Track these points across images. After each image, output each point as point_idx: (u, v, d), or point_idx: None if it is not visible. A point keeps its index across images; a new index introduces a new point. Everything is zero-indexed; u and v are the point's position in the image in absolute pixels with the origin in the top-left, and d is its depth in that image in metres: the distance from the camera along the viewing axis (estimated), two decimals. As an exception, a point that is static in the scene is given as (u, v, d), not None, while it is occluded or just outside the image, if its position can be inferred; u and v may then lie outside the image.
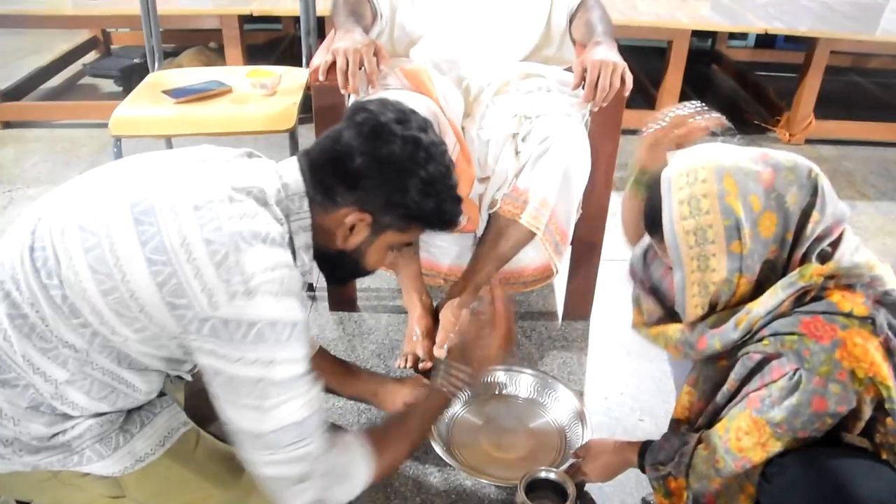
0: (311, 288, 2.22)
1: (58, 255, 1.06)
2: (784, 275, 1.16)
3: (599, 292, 2.17)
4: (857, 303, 1.10)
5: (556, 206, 1.81)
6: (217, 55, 3.69)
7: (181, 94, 2.12)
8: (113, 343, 1.10)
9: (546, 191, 1.79)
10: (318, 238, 1.23)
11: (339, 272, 1.34)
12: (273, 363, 1.07)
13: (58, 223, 1.08)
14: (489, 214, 1.94)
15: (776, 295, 1.13)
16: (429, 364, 1.90)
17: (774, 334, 1.14)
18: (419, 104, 1.73)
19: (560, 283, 2.25)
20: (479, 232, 1.99)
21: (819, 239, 1.15)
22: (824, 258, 1.15)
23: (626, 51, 1.78)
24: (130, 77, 3.84)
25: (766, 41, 4.77)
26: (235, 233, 1.06)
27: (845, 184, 3.18)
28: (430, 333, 1.96)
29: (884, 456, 1.14)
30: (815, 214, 1.14)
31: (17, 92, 3.60)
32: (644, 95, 3.70)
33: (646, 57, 4.14)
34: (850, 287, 1.13)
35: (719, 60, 4.59)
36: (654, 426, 1.79)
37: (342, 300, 2.18)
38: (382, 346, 2.05)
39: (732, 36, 4.75)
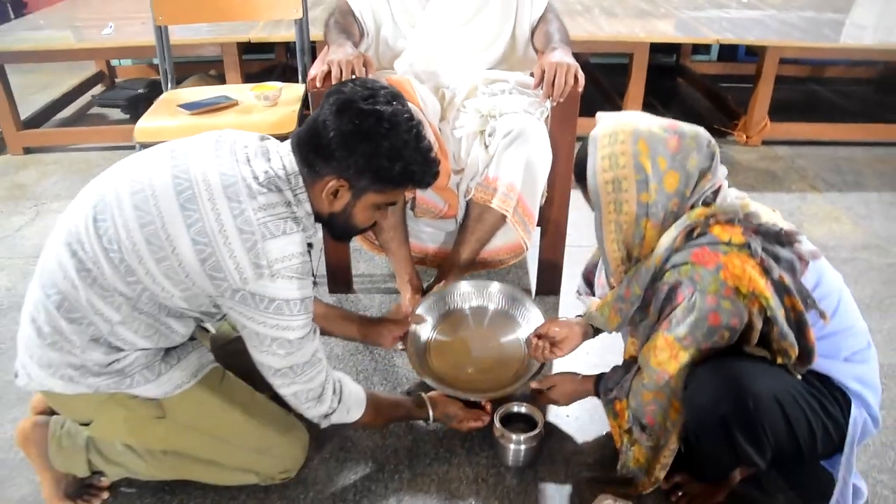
0: (311, 274, 2.48)
1: (118, 227, 1.34)
2: None
3: (566, 272, 2.43)
4: (735, 233, 1.37)
5: (521, 191, 2.08)
6: (216, 81, 3.97)
7: (194, 107, 2.40)
8: (159, 297, 1.39)
9: (512, 178, 2.06)
10: (313, 205, 1.46)
11: (335, 231, 1.56)
12: (287, 328, 1.40)
13: (116, 201, 1.36)
14: (466, 202, 2.20)
15: (670, 234, 1.41)
16: None
17: (673, 266, 1.41)
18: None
19: (532, 264, 2.52)
20: (460, 217, 2.26)
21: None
22: (707, 204, 1.43)
23: (594, 67, 2.03)
24: (137, 106, 4.14)
25: (728, 54, 5.10)
26: (262, 224, 1.33)
27: (798, 178, 3.47)
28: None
29: (780, 361, 1.39)
30: (709, 175, 1.43)
31: (35, 121, 3.88)
32: (612, 105, 4.00)
33: (612, 71, 4.45)
34: (729, 222, 1.39)
35: (684, 74, 4.90)
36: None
37: (340, 283, 2.43)
38: (376, 320, 2.30)
39: (696, 50, 5.07)
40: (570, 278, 2.42)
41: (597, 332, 1.81)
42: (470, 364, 1.94)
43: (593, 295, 1.80)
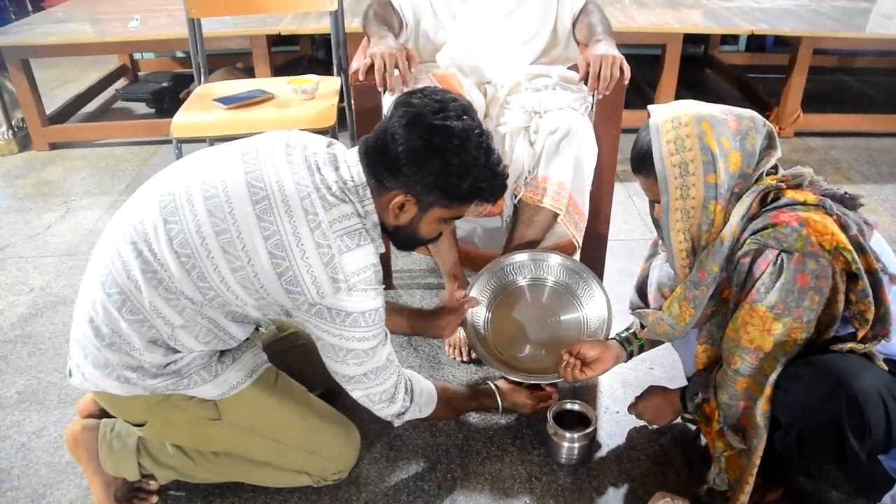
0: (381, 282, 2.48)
1: (191, 232, 1.31)
2: None
3: (609, 264, 2.39)
4: (807, 195, 1.36)
5: (572, 189, 2.04)
6: (244, 74, 3.95)
7: (231, 101, 2.38)
8: (232, 304, 1.37)
9: (563, 177, 2.02)
10: (379, 216, 1.43)
11: (399, 242, 1.55)
12: (363, 339, 1.39)
13: (189, 204, 1.33)
14: (514, 204, 2.15)
15: (744, 202, 1.39)
16: None
17: (753, 233, 1.38)
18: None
19: (576, 255, 2.48)
20: (505, 215, 2.22)
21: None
22: (772, 174, 1.42)
23: (625, 57, 2.01)
24: (161, 99, 4.14)
25: (756, 45, 5.05)
26: (338, 237, 1.32)
27: (832, 170, 3.42)
28: None
29: (857, 326, 1.36)
30: (770, 152, 1.42)
31: (60, 117, 3.87)
32: (643, 97, 3.97)
33: (643, 63, 4.38)
34: (798, 186, 1.39)
35: (712, 64, 4.85)
36: (662, 373, 2.01)
37: (380, 280, 2.40)
38: (418, 316, 2.28)
39: (724, 41, 5.01)
40: (611, 273, 2.39)
41: (630, 357, 1.78)
42: (528, 342, 1.90)
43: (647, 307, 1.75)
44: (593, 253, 2.37)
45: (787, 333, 1.37)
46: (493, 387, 1.80)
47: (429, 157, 1.33)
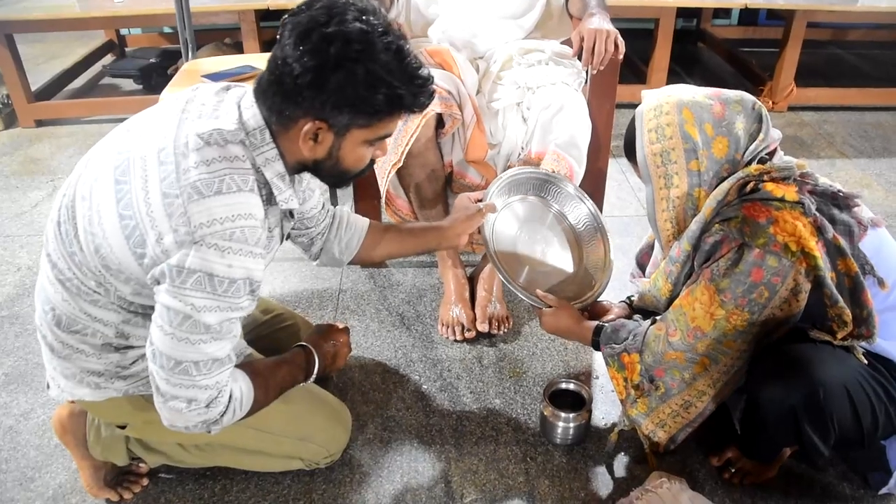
0: (260, 247, 2.40)
1: (76, 226, 1.22)
2: None
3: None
4: (788, 191, 1.34)
5: (567, 165, 2.01)
6: (232, 50, 3.89)
7: (219, 78, 2.33)
8: (125, 294, 1.25)
9: (557, 151, 1.99)
10: (292, 157, 1.27)
11: (326, 178, 1.35)
12: (205, 309, 1.16)
13: (70, 198, 1.25)
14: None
15: (723, 187, 1.38)
16: (472, 333, 2.04)
17: (723, 220, 1.38)
18: (444, 78, 1.95)
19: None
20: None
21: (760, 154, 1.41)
22: (762, 162, 1.40)
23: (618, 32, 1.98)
24: (150, 75, 4.08)
25: (748, 18, 5.00)
26: (190, 184, 1.13)
27: (826, 145, 3.41)
28: (468, 302, 2.12)
29: (839, 334, 1.36)
30: (760, 136, 1.40)
31: (46, 93, 3.80)
32: (635, 72, 3.93)
33: (635, 37, 4.32)
34: (784, 180, 1.37)
35: (705, 39, 4.80)
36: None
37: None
38: (411, 294, 2.27)
39: (716, 15, 4.96)
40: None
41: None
42: (530, 264, 1.80)
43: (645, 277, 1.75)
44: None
45: (727, 319, 1.38)
46: (308, 345, 1.55)
47: (329, 73, 1.13)
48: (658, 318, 1.55)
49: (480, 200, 1.73)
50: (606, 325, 1.62)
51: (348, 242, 1.69)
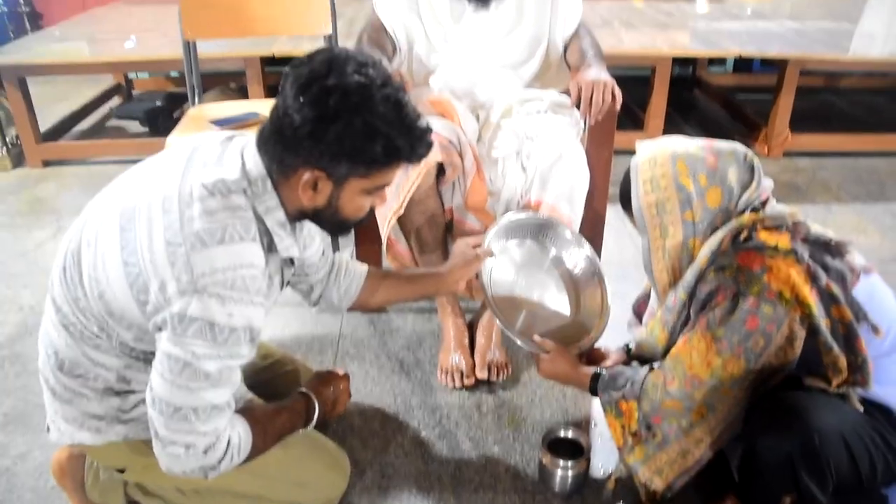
0: (262, 296, 2.40)
1: (80, 272, 1.24)
2: None
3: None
4: (781, 239, 1.37)
5: (565, 216, 2.04)
6: (237, 95, 3.96)
7: (225, 123, 2.38)
8: (128, 341, 1.27)
9: (556, 202, 2.01)
10: (293, 206, 1.29)
11: (328, 227, 1.38)
12: (205, 357, 1.18)
13: (76, 243, 1.28)
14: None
15: (717, 236, 1.41)
16: (472, 380, 2.05)
17: (718, 268, 1.41)
18: (445, 127, 1.99)
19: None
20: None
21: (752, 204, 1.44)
22: (755, 211, 1.43)
23: (615, 80, 2.02)
24: (155, 118, 4.14)
25: (743, 66, 5.10)
26: (193, 235, 1.16)
27: (822, 190, 3.45)
28: (468, 349, 2.14)
29: (835, 382, 1.38)
30: (752, 185, 1.44)
31: (53, 134, 3.87)
32: (632, 118, 3.99)
33: (632, 85, 4.38)
34: (777, 228, 1.40)
35: (701, 86, 4.89)
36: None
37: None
38: (410, 340, 2.29)
39: (712, 62, 5.06)
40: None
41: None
42: (527, 309, 1.81)
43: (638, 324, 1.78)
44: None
45: (723, 367, 1.40)
46: (308, 392, 1.56)
47: (328, 124, 1.16)
48: (656, 365, 1.57)
49: (478, 246, 1.77)
50: (604, 371, 1.64)
51: (347, 289, 1.72)
